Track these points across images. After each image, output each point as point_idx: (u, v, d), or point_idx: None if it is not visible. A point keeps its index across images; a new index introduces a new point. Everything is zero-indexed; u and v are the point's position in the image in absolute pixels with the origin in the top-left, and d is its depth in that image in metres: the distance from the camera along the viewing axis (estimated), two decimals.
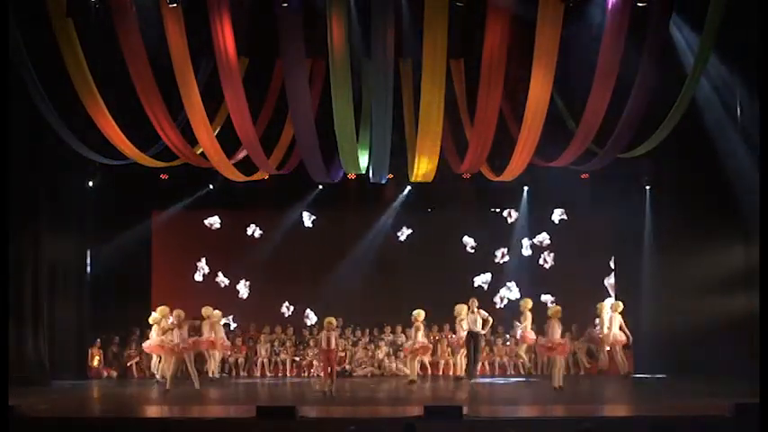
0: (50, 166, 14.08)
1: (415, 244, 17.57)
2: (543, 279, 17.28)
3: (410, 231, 17.61)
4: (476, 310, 13.93)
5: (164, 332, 13.43)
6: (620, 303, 14.32)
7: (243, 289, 17.58)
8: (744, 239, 13.20)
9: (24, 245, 13.64)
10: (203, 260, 17.58)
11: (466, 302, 14.16)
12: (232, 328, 16.65)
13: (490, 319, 14.13)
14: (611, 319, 13.95)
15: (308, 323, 17.27)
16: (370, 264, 17.10)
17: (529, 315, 14.40)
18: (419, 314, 13.89)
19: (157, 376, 13.99)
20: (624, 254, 16.91)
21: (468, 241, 17.57)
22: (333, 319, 12.67)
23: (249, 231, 17.54)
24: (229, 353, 15.57)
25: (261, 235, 17.52)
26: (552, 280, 17.21)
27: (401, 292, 16.73)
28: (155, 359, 14.27)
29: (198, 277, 17.45)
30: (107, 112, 12.26)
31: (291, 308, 17.52)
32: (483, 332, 14.03)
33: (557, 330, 13.02)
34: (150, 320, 13.85)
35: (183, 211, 17.25)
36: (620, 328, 13.96)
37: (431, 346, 14.85)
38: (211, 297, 16.95)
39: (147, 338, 16.21)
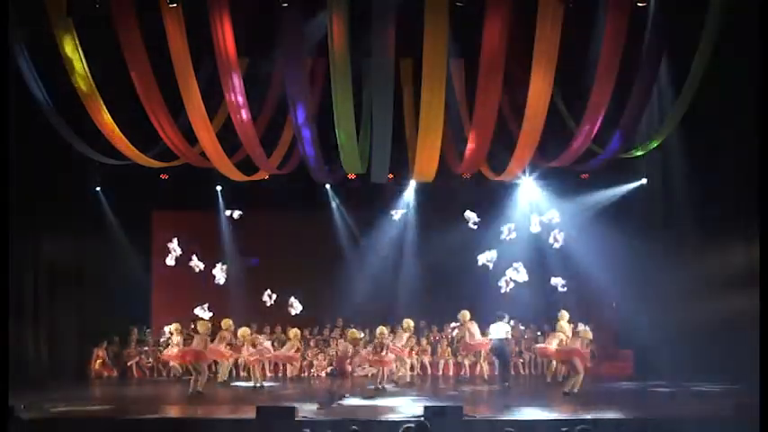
0: (50, 166, 14.07)
1: (412, 231, 17.43)
2: (553, 260, 17.05)
3: (404, 211, 17.44)
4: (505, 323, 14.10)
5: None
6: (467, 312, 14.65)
7: (219, 274, 17.21)
8: (744, 239, 13.18)
9: (24, 245, 13.63)
10: (175, 241, 17.30)
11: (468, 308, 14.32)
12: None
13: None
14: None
15: (293, 313, 17.05)
16: (369, 261, 17.10)
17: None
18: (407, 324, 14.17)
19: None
20: (624, 254, 16.90)
21: (471, 216, 17.27)
22: (357, 334, 12.92)
23: (228, 212, 17.18)
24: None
25: (240, 216, 17.16)
26: (562, 262, 16.96)
27: (401, 290, 16.76)
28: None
29: (170, 261, 17.24)
30: (107, 111, 12.28)
31: (274, 296, 17.29)
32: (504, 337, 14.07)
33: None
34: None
35: (183, 211, 17.28)
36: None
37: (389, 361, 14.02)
38: (208, 294, 16.96)
39: (147, 339, 16.34)
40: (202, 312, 16.18)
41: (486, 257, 16.67)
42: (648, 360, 15.55)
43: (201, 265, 16.62)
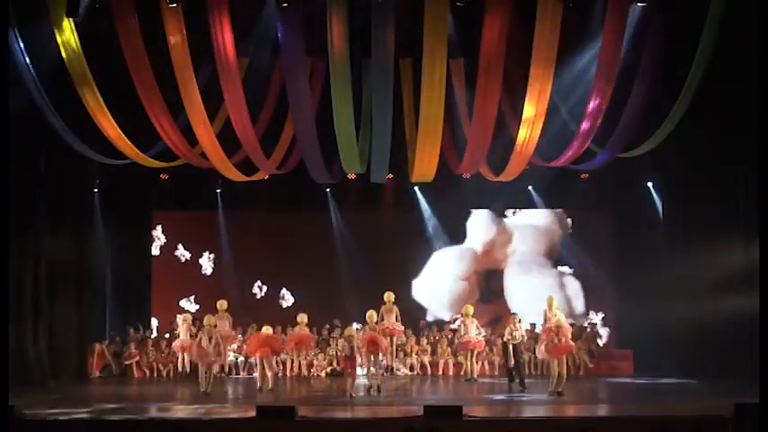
0: (50, 166, 14.07)
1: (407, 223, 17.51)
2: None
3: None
4: (518, 325, 13.59)
5: None
6: (471, 307, 14.43)
7: (206, 264, 17.20)
8: (744, 239, 13.19)
9: (24, 245, 13.62)
10: (159, 228, 17.11)
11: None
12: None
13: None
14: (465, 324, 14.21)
15: (285, 305, 17.01)
16: (368, 259, 17.13)
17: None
18: (370, 315, 13.26)
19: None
20: (624, 254, 16.93)
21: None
22: (354, 331, 12.63)
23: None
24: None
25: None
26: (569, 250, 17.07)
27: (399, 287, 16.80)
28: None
29: (154, 251, 17.21)
30: (107, 111, 12.28)
31: (264, 288, 17.26)
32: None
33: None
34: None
35: (183, 211, 17.32)
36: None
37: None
38: (209, 294, 16.96)
39: (147, 338, 16.33)
40: (188, 305, 16.22)
41: (490, 243, 16.61)
42: (648, 359, 15.56)
43: (188, 255, 16.62)
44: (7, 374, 9.34)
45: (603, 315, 16.82)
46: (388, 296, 13.97)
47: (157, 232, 17.16)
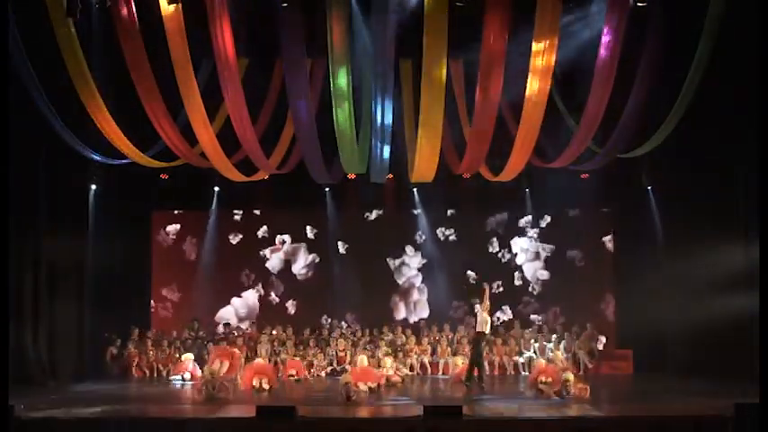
0: (50, 166, 14.07)
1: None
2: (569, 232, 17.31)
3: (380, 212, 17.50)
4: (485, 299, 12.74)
5: None
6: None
7: (189, 249, 17.24)
8: (744, 239, 13.18)
9: (24, 245, 13.62)
10: (160, 227, 17.33)
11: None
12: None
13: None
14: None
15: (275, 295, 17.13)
16: (367, 259, 17.13)
17: None
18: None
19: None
20: (624, 254, 16.93)
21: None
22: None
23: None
24: None
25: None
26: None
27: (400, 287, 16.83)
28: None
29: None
30: (107, 112, 12.27)
31: (253, 276, 17.36)
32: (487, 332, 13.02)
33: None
34: None
35: (182, 211, 17.35)
36: None
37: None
38: (207, 295, 17.01)
39: (146, 338, 16.34)
40: (171, 294, 16.21)
41: (495, 222, 16.52)
42: (648, 359, 15.56)
43: (170, 240, 16.73)
44: (7, 374, 9.33)
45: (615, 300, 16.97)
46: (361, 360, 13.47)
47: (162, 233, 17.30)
